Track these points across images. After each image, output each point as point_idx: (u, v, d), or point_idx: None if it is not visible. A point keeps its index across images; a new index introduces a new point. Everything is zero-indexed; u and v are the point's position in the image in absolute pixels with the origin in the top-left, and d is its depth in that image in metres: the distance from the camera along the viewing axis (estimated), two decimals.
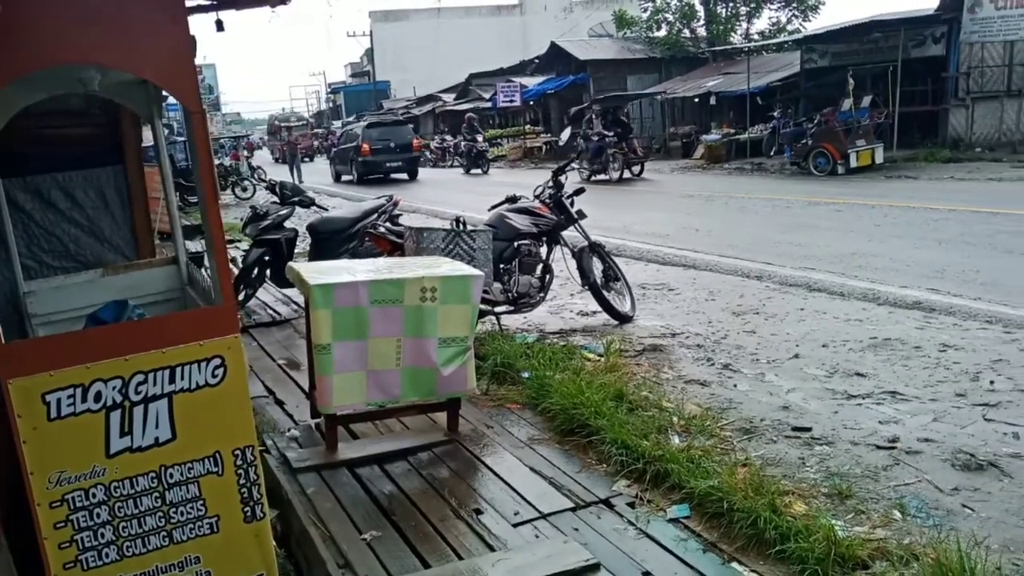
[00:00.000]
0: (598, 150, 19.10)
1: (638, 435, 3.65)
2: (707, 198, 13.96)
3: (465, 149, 26.48)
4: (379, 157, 24.33)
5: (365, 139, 24.41)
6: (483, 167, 25.36)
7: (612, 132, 19.31)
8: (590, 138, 19.56)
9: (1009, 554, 2.68)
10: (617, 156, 18.81)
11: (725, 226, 10.62)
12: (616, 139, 19.10)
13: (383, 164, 24.51)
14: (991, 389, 4.18)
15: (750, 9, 30.15)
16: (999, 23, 16.86)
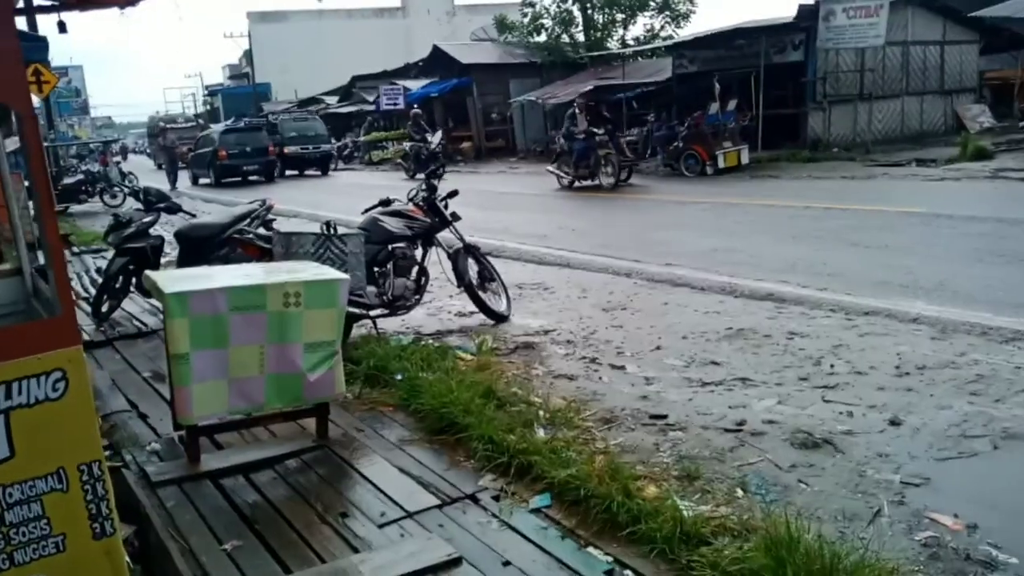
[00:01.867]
0: (584, 151, 16.02)
1: (505, 430, 3.75)
2: (585, 200, 14.34)
3: (411, 151, 23.35)
4: (236, 161, 25.21)
5: (222, 144, 25.28)
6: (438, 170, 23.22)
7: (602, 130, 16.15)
8: (574, 137, 16.29)
9: (836, 523, 2.91)
10: (611, 159, 15.73)
11: (600, 226, 10.95)
12: (607, 138, 16.08)
13: (240, 168, 25.43)
14: (831, 372, 4.51)
15: (625, 16, 31.07)
16: (850, 31, 18.05)
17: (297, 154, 27.71)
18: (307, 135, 28.21)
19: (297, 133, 28.29)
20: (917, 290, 6.08)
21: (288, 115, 30.94)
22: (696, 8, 30.35)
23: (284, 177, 26.93)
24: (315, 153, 28.01)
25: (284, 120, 29.37)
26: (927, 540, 2.74)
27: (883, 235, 8.38)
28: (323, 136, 29.18)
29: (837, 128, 19.64)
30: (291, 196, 18.58)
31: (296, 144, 27.78)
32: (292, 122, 29.39)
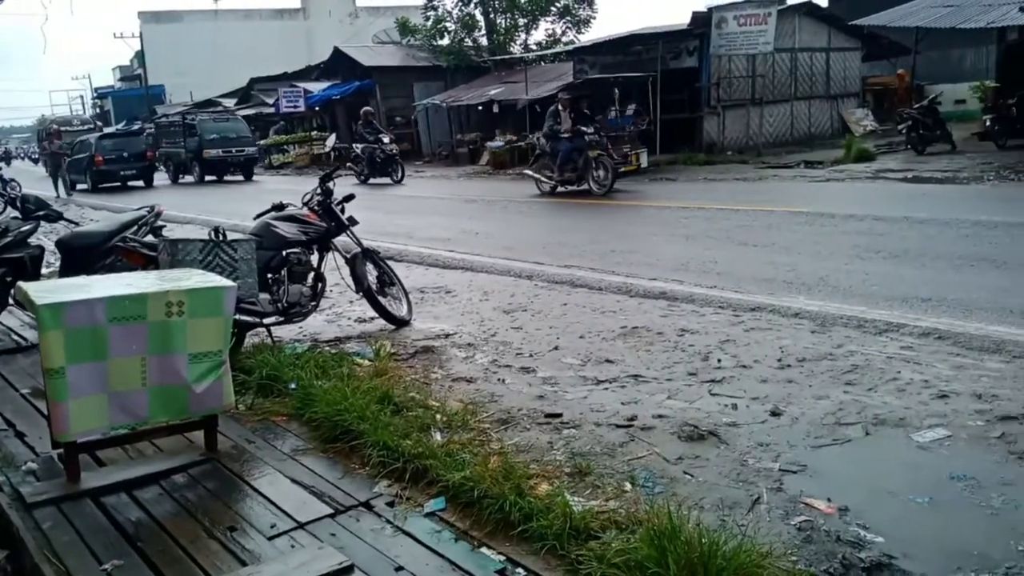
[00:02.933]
0: (570, 153, 14.27)
1: (400, 435, 3.73)
2: (489, 202, 14.42)
3: (365, 154, 21.03)
4: (113, 166, 24.63)
5: (98, 150, 24.56)
6: (395, 175, 20.35)
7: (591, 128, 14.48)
8: (558, 137, 14.49)
9: (718, 512, 3.02)
10: (603, 161, 14.08)
11: (504, 229, 11.04)
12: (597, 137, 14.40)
13: (118, 173, 24.87)
14: (718, 367, 4.67)
15: (527, 21, 31.41)
16: (742, 38, 18.76)
17: (218, 158, 26.06)
18: (229, 137, 26.54)
19: (218, 135, 26.54)
20: (800, 286, 6.38)
21: (207, 115, 28.96)
22: (596, 14, 30.95)
23: (204, 183, 25.56)
24: (238, 156, 26.31)
25: (203, 121, 27.41)
26: (801, 524, 2.87)
27: (770, 234, 8.76)
28: (247, 138, 27.53)
29: (731, 132, 20.38)
30: (197, 203, 17.98)
31: (217, 147, 26.08)
32: (212, 123, 27.48)
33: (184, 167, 27.38)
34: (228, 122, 28.05)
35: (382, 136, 21.08)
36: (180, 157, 27.40)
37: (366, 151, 21.01)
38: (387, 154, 20.57)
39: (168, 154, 28.37)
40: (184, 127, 27.25)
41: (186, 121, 27.62)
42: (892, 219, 9.14)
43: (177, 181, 27.41)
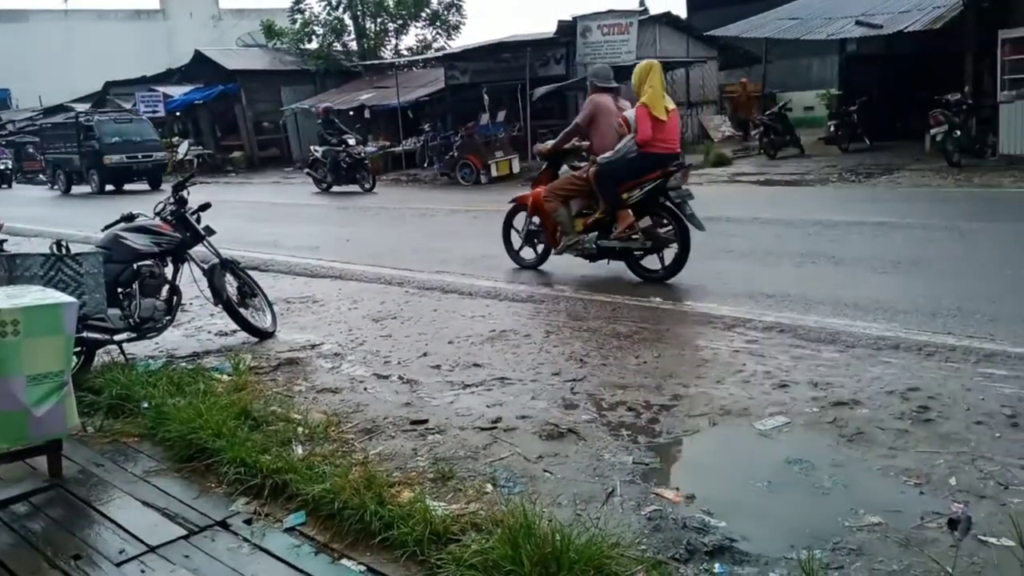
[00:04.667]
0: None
1: (259, 451, 3.64)
2: (363, 209, 14.26)
3: (326, 158, 18.24)
4: None
5: None
6: (364, 182, 17.83)
7: None
8: None
9: (575, 507, 3.11)
10: None
11: (375, 236, 10.95)
12: None
13: None
14: (581, 366, 4.81)
15: (398, 26, 31.24)
16: (605, 47, 19.34)
17: (121, 165, 22.87)
18: (132, 140, 23.32)
19: (120, 138, 23.25)
20: (658, 285, 6.64)
21: (107, 116, 25.12)
22: (466, 20, 31.14)
23: (103, 194, 22.65)
24: (144, 163, 23.23)
25: (102, 122, 23.87)
26: (651, 514, 3.01)
27: None
28: (153, 141, 24.33)
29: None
30: (89, 219, 16.83)
31: (119, 152, 22.90)
32: (112, 124, 23.93)
33: (78, 176, 24.12)
34: (131, 123, 24.59)
35: (347, 137, 18.41)
36: (73, 164, 24.12)
37: (328, 155, 18.15)
38: (354, 158, 17.93)
39: (57, 161, 25.07)
40: (78, 129, 23.87)
41: (81, 123, 24.15)
42: (744, 220, 9.68)
43: (69, 192, 24.33)
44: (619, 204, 6.81)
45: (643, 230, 6.82)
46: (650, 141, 6.59)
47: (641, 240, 6.83)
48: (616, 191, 6.84)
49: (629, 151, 6.69)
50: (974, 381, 4.08)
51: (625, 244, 6.90)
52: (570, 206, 7.26)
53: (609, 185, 6.83)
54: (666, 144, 6.75)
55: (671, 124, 6.77)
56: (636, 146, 6.65)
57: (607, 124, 7.01)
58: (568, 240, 7.21)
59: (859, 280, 6.45)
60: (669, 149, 6.80)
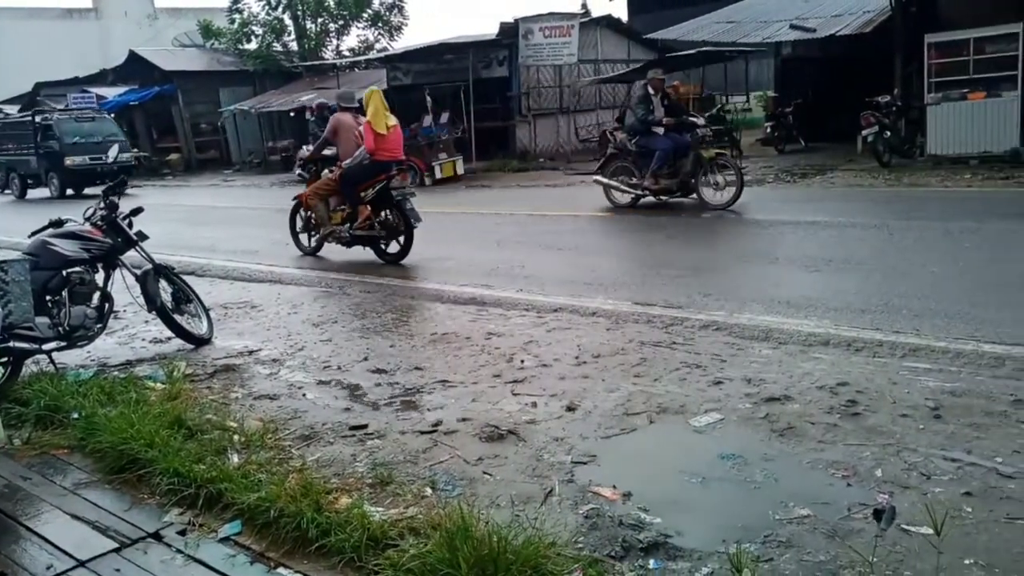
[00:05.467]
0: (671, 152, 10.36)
1: (193, 460, 3.58)
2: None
3: None
4: None
5: None
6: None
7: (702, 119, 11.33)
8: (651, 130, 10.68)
9: (513, 508, 3.13)
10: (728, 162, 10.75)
11: None
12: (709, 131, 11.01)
13: None
14: (521, 367, 4.83)
15: (339, 26, 30.93)
16: (547, 49, 19.48)
17: (84, 167, 20.91)
18: (94, 141, 21.26)
19: (82, 138, 21.42)
20: (599, 286, 6.73)
21: (67, 114, 22.91)
22: (408, 21, 31.00)
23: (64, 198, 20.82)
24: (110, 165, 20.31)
25: (63, 121, 21.96)
26: (588, 512, 3.04)
27: (575, 238, 9.17)
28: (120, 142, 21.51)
29: (542, 139, 21.10)
30: None
31: (82, 153, 21.05)
32: (74, 123, 22.03)
33: (35, 179, 22.40)
34: (94, 121, 22.53)
35: None
36: (30, 167, 22.35)
37: None
38: None
39: (10, 163, 23.07)
40: (35, 129, 22.07)
41: (38, 121, 22.22)
42: (690, 220, 9.84)
43: (24, 196, 22.64)
44: (358, 200, 8.49)
45: (379, 222, 8.48)
46: (376, 151, 8.22)
47: (378, 230, 8.52)
48: (354, 190, 8.51)
49: (364, 159, 8.35)
50: (900, 375, 4.22)
51: (367, 233, 8.58)
52: (328, 203, 8.95)
53: (348, 186, 8.56)
54: (390, 153, 8.42)
55: (392, 137, 8.42)
56: (368, 155, 8.26)
57: (347, 137, 8.79)
58: (324, 230, 8.97)
59: (792, 278, 6.62)
60: (392, 157, 8.49)
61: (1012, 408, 3.70)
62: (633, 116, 10.95)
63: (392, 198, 8.34)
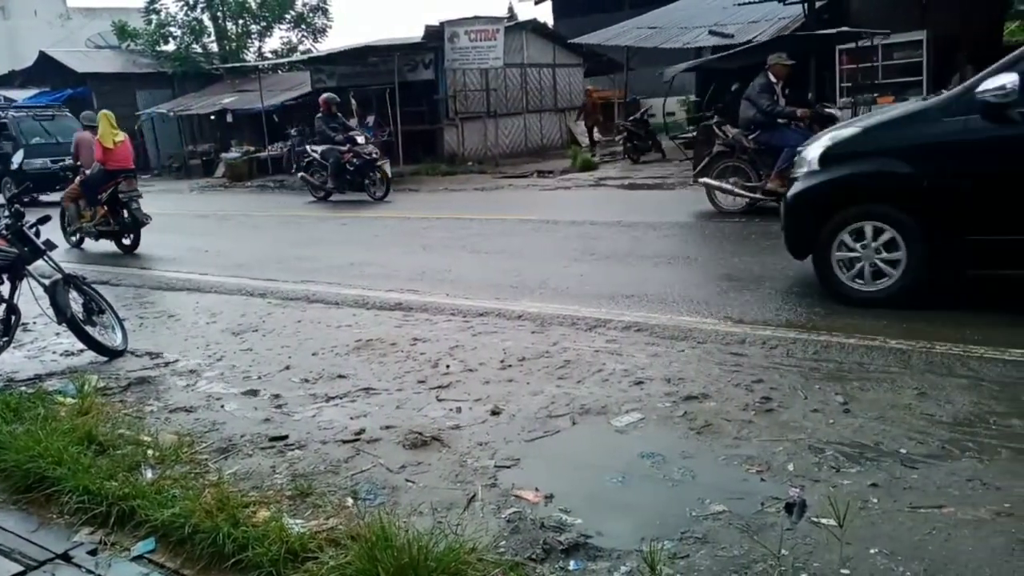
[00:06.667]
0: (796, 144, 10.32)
1: (104, 477, 3.45)
2: (222, 218, 13.76)
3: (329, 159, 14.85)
4: None
5: None
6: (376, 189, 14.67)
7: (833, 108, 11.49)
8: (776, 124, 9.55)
9: (436, 514, 3.12)
10: None
11: (236, 245, 10.59)
12: None
13: None
14: (446, 373, 4.82)
15: (261, 28, 30.36)
16: (473, 53, 19.48)
17: (45, 171, 18.95)
18: (57, 141, 19.38)
19: (43, 139, 19.69)
20: (524, 289, 6.77)
21: (24, 112, 20.92)
22: (332, 23, 30.66)
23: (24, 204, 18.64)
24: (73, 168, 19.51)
25: (20, 119, 20.02)
26: (511, 516, 3.05)
27: (501, 241, 9.20)
28: None
29: (470, 143, 21.11)
30: None
31: (43, 155, 19.25)
32: (31, 121, 20.05)
33: None
34: (54, 120, 20.56)
35: (355, 134, 15.02)
36: None
37: (330, 155, 14.85)
38: (364, 159, 14.55)
39: None
40: None
41: None
42: (606, 223, 9.99)
43: None
44: (96, 202, 10.54)
45: (116, 220, 10.56)
46: (105, 161, 10.45)
47: (113, 226, 10.63)
48: (93, 194, 10.58)
49: (97, 169, 10.54)
50: (811, 372, 4.37)
51: (107, 228, 10.66)
52: (79, 204, 10.96)
53: (88, 190, 10.67)
54: (118, 163, 10.60)
55: (120, 150, 10.59)
56: (100, 165, 10.50)
57: (87, 152, 10.82)
58: (72, 227, 11.17)
59: (710, 279, 6.78)
60: (121, 166, 10.64)
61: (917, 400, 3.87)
62: (753, 108, 9.53)
63: (120, 200, 10.38)
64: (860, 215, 5.43)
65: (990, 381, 4.06)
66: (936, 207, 5.14)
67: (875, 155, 5.41)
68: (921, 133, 5.25)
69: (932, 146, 5.17)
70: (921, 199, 5.18)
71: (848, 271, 5.54)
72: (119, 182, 10.42)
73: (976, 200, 5.04)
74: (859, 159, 5.50)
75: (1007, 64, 4.90)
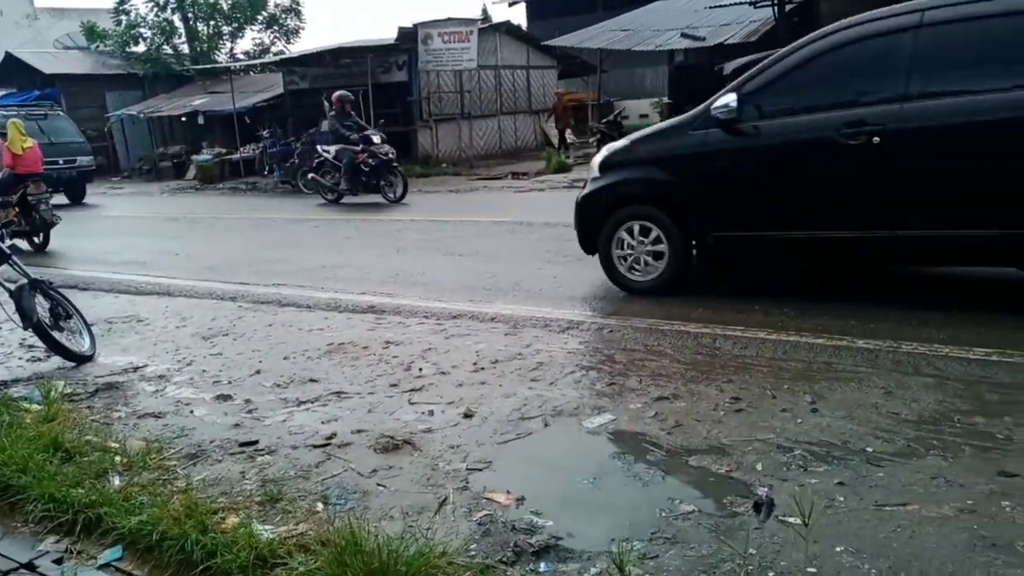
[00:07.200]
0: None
1: (70, 484, 3.41)
2: (193, 221, 13.62)
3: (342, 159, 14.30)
4: None
5: None
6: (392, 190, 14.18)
7: None
8: None
9: (407, 518, 3.11)
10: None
11: (207, 248, 10.49)
12: None
13: None
14: (419, 375, 4.81)
15: (233, 29, 30.11)
16: (447, 54, 19.47)
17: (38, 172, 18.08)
18: (50, 142, 18.10)
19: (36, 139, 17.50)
20: (498, 291, 6.77)
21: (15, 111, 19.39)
22: (305, 25, 30.50)
23: None
24: (67, 170, 18.48)
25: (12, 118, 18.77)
26: (482, 519, 3.05)
27: (475, 243, 9.19)
28: (78, 143, 19.43)
29: (444, 144, 21.08)
30: None
31: None
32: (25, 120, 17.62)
33: None
34: (47, 119, 19.49)
35: (370, 134, 14.53)
36: None
37: (343, 155, 14.29)
38: (380, 159, 14.02)
39: None
40: None
41: None
42: None
43: None
44: (6, 204, 10.76)
45: (26, 221, 11.12)
46: (14, 166, 11.33)
47: (24, 226, 11.19)
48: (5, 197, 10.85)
49: (10, 173, 11.28)
50: (781, 371, 4.42)
51: (19, 228, 11.05)
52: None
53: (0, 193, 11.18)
54: (27, 167, 11.48)
55: (28, 156, 11.56)
56: (9, 170, 11.26)
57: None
58: None
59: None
60: (30, 171, 11.51)
61: (883, 399, 3.93)
62: None
63: (30, 202, 11.07)
64: (630, 216, 6.22)
65: (955, 380, 4.13)
66: (687, 208, 5.98)
67: (639, 164, 6.23)
68: (672, 145, 6.03)
69: (681, 156, 5.94)
70: (675, 201, 6.01)
71: (626, 263, 6.31)
72: (27, 186, 11.15)
73: (716, 202, 5.86)
74: (627, 167, 6.30)
75: (731, 87, 5.73)
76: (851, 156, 5.19)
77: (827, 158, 5.31)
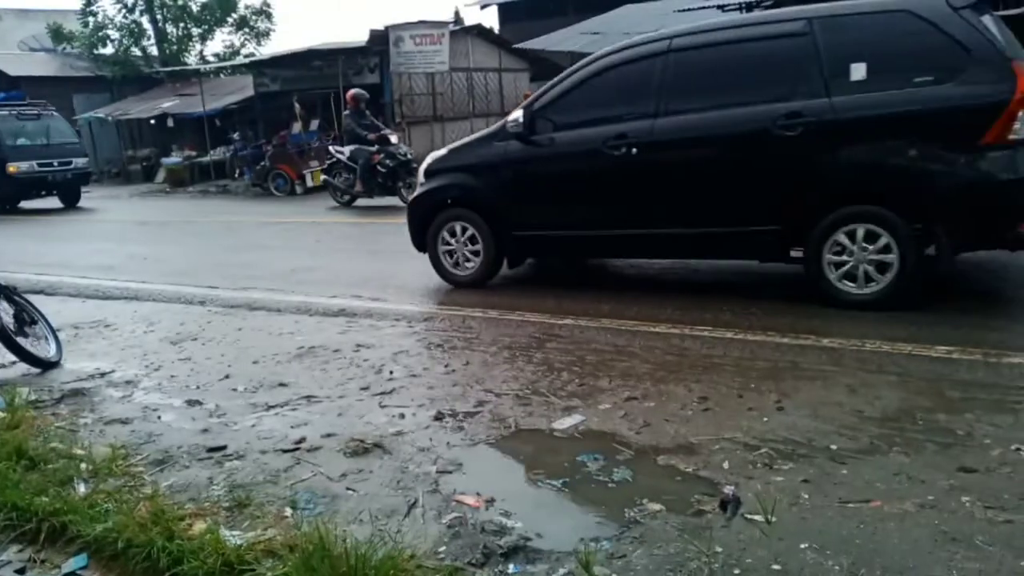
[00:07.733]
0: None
1: (34, 492, 3.37)
2: (162, 224, 13.48)
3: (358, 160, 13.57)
4: None
5: None
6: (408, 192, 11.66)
7: None
8: None
9: (377, 522, 3.10)
10: None
11: (177, 252, 10.38)
12: None
13: None
14: (390, 379, 4.80)
15: (202, 31, 29.83)
16: (419, 57, 19.45)
17: (33, 175, 17.55)
18: (44, 143, 18.15)
19: (29, 140, 18.08)
20: (471, 292, 6.77)
21: (7, 111, 18.77)
22: (275, 27, 30.28)
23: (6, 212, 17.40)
24: (62, 172, 17.94)
25: (3, 119, 18.13)
26: (452, 521, 3.05)
27: None
28: (73, 144, 18.82)
29: (417, 147, 20.95)
30: None
31: (28, 158, 17.68)
32: (16, 121, 18.22)
33: None
34: (40, 119, 18.77)
35: (387, 133, 13.93)
36: None
37: (359, 156, 13.58)
38: (398, 159, 13.32)
39: None
40: None
41: None
42: None
43: None
44: None
45: None
46: None
47: None
48: None
49: None
50: (747, 371, 4.47)
51: None
52: None
53: None
54: None
55: None
56: None
57: None
58: None
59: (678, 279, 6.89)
60: None
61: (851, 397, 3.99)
62: None
63: None
64: (450, 217, 6.90)
65: (917, 377, 4.21)
66: (492, 210, 6.67)
67: (455, 171, 6.90)
68: (479, 154, 6.75)
69: (486, 164, 6.65)
70: (484, 204, 6.71)
71: (450, 260, 6.99)
72: None
73: (513, 204, 6.54)
74: (446, 174, 6.96)
75: (524, 105, 6.48)
76: (616, 165, 5.95)
77: (597, 167, 6.06)
